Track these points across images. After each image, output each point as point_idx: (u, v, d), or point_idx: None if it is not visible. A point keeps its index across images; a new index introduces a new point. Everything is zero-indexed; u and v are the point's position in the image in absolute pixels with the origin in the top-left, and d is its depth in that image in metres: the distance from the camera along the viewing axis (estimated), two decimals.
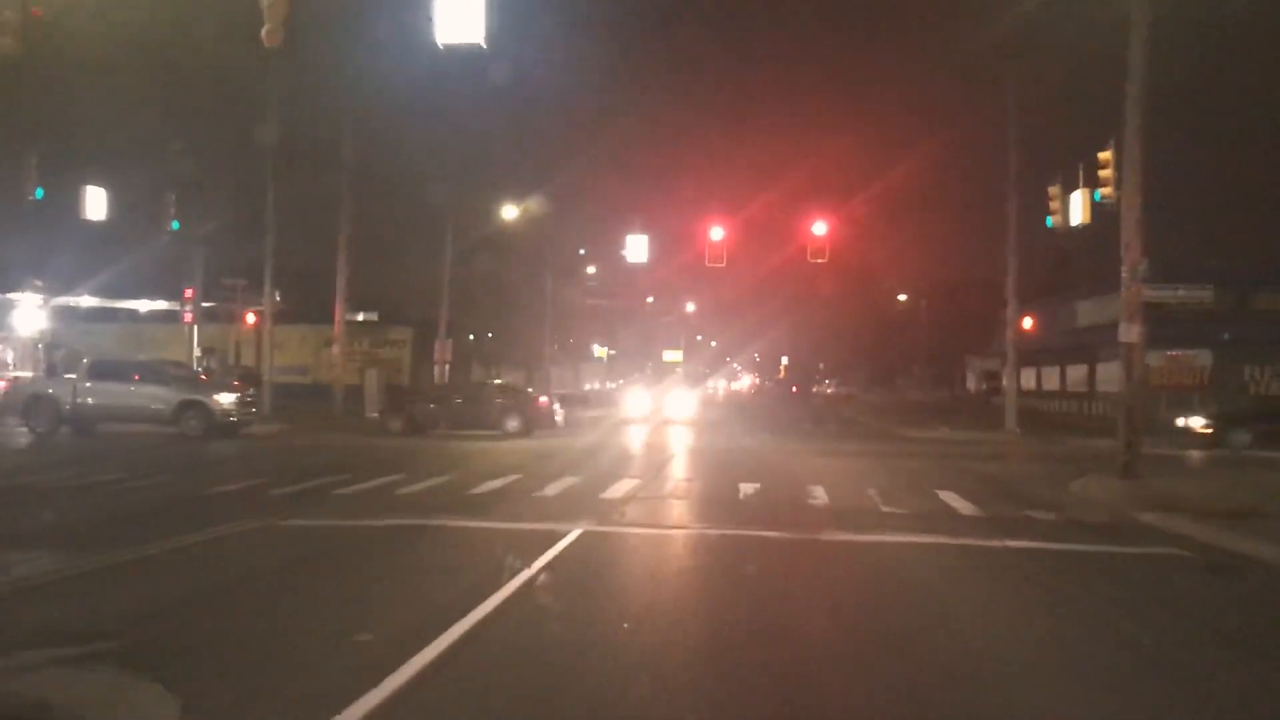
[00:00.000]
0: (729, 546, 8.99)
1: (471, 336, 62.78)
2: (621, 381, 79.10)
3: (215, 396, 22.36)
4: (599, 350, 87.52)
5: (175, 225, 25.15)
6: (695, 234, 28.71)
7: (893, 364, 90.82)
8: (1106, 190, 18.65)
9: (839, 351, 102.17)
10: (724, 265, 27.93)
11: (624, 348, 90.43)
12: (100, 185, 22.77)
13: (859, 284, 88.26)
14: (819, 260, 27.74)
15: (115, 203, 24.72)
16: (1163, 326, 35.20)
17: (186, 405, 22.00)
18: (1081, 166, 21.09)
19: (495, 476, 14.10)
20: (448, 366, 39.78)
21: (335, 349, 31.11)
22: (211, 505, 11.35)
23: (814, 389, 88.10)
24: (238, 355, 41.34)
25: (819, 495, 12.67)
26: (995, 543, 9.32)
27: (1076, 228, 21.29)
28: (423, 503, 11.53)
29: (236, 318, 39.73)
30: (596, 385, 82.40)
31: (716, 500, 12.12)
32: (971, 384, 72.32)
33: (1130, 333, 15.08)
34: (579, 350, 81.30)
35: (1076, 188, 21.56)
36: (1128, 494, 13.50)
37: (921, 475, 15.69)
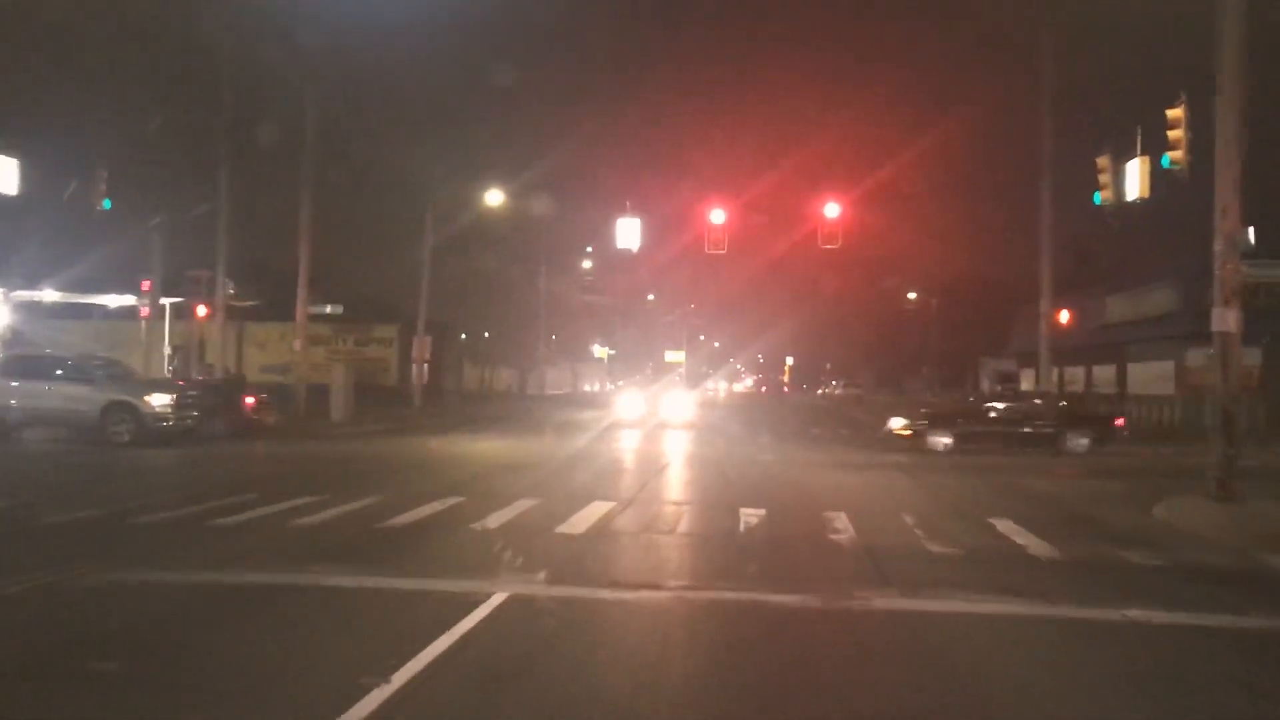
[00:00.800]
0: (721, 625, 6.08)
1: (464, 335, 60.57)
2: (622, 382, 76.32)
3: (147, 397, 19.42)
4: (599, 350, 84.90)
5: (107, 204, 22.23)
6: (694, 219, 25.87)
7: (900, 364, 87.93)
8: (1177, 154, 15.70)
9: (845, 351, 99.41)
10: (724, 251, 25.00)
11: (625, 347, 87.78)
12: (13, 155, 19.86)
13: (866, 281, 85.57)
14: (831, 246, 24.84)
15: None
16: (1206, 321, 32.33)
17: (113, 408, 19.09)
18: (1140, 131, 18.15)
19: (435, 498, 11.21)
20: (426, 366, 37.04)
21: (298, 344, 28.27)
22: (32, 543, 8.54)
23: (785, 389, 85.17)
24: (202, 352, 38.50)
25: (842, 526, 9.77)
26: (1109, 613, 6.41)
27: (1133, 202, 18.31)
28: (315, 539, 8.65)
29: (206, 312, 36.67)
30: (597, 386, 79.59)
31: (710, 536, 9.21)
32: (985, 386, 69.29)
33: (1226, 320, 12.27)
34: (578, 350, 78.63)
35: (1129, 158, 18.63)
36: (1234, 523, 10.62)
37: (963, 495, 12.79)
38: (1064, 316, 27.00)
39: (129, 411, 19.05)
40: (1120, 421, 20.87)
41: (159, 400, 19.44)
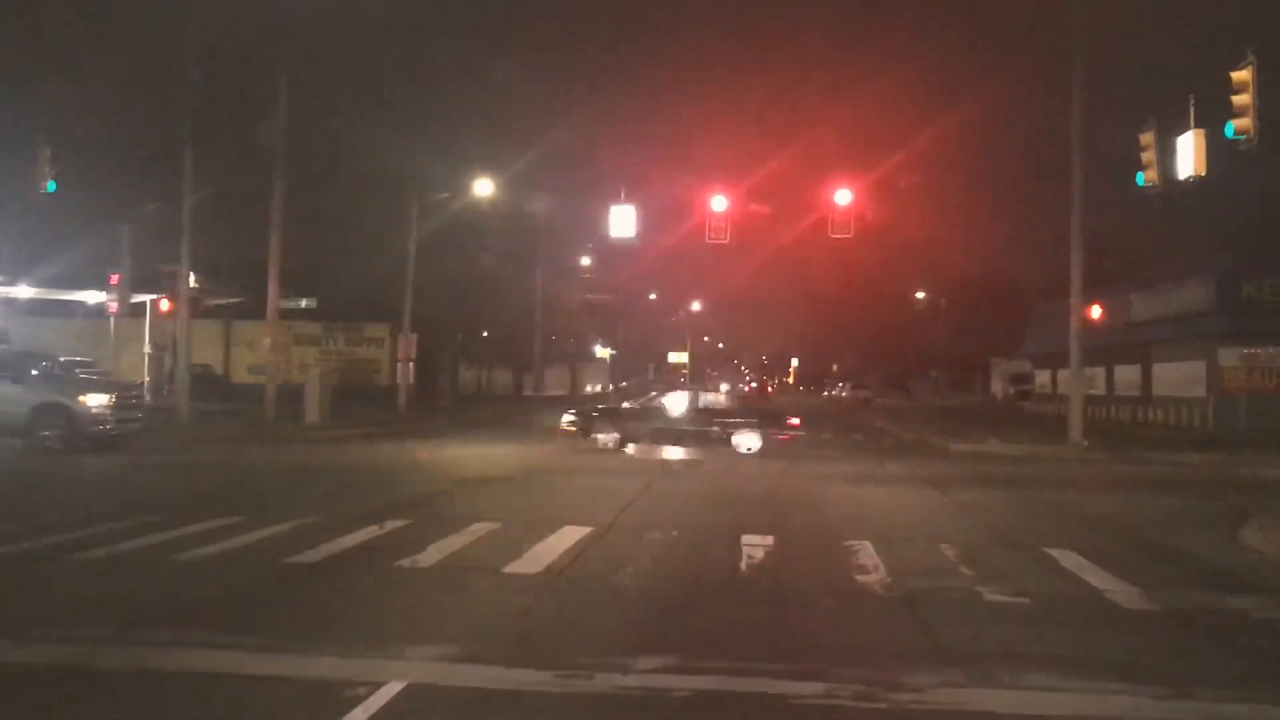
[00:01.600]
0: None
1: (460, 336, 58.88)
2: (624, 384, 74.12)
3: (81, 398, 17.37)
4: (601, 351, 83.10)
5: (51, 187, 20.27)
6: (696, 210, 23.89)
7: (909, 367, 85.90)
8: (1243, 121, 13.76)
9: (852, 353, 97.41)
10: (726, 241, 23.04)
11: (627, 348, 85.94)
12: None
13: (872, 280, 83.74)
14: (843, 236, 22.86)
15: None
16: (1241, 319, 30.33)
17: (43, 410, 17.04)
18: (1193, 101, 16.16)
19: (375, 520, 9.26)
20: (413, 366, 35.15)
21: (267, 341, 26.36)
22: None
23: (769, 391, 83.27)
24: (174, 351, 36.57)
25: (870, 562, 7.81)
26: (1269, 714, 4.45)
27: (1186, 180, 16.29)
28: (192, 584, 6.71)
29: (170, 306, 34.76)
30: (599, 387, 77.63)
31: (702, 579, 7.22)
32: (997, 388, 67.20)
33: None
34: (579, 351, 76.77)
35: (1179, 133, 16.63)
36: None
37: (1007, 517, 10.78)
38: (1095, 312, 24.86)
39: (61, 414, 16.97)
40: (795, 421, 19.66)
41: (95, 401, 17.35)
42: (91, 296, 43.55)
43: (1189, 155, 16.07)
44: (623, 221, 23.82)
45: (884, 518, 10.52)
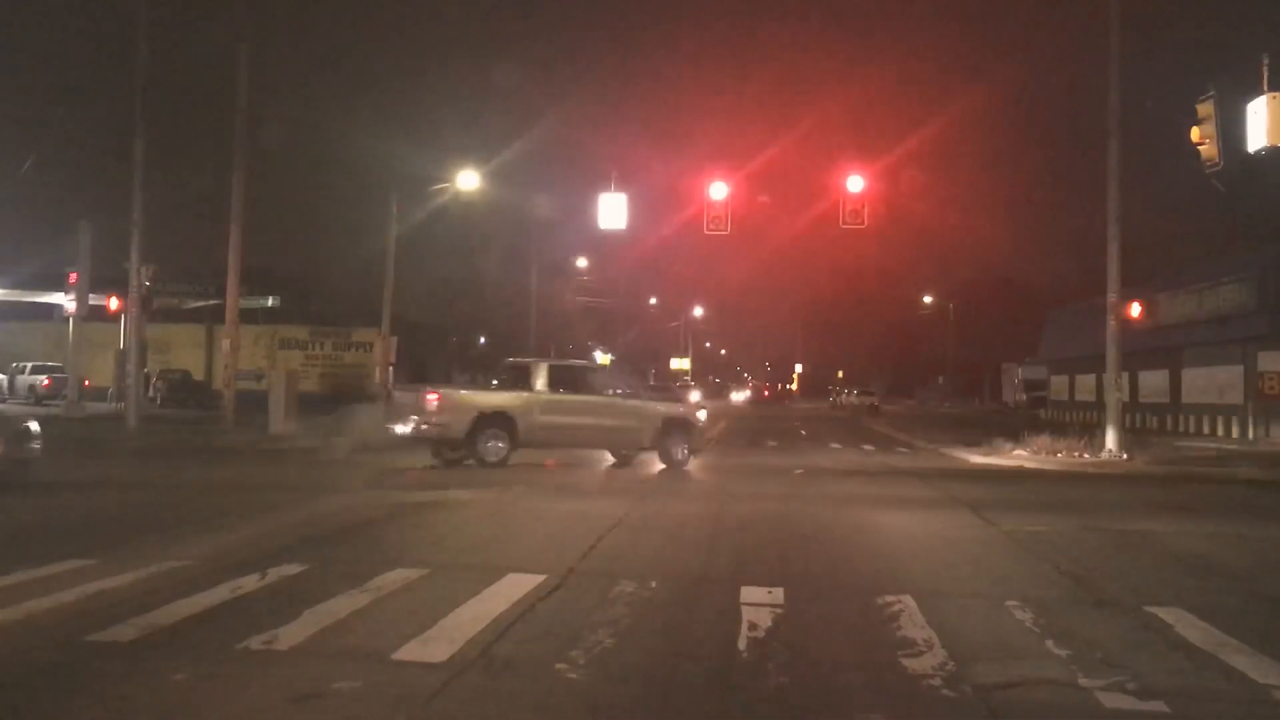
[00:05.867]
0: None
1: (454, 339, 57.25)
2: (622, 389, 71.85)
3: (699, 413, 18.71)
4: (601, 357, 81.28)
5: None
6: (696, 204, 21.82)
7: (915, 372, 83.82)
8: None
9: (857, 357, 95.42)
10: (726, 232, 20.92)
11: (629, 354, 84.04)
12: None
13: (879, 284, 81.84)
14: (855, 226, 20.74)
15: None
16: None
17: (671, 425, 16.96)
18: (1266, 61, 13.96)
19: (266, 563, 7.06)
20: (392, 370, 33.05)
21: (225, 343, 24.23)
22: None
23: (764, 393, 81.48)
24: (142, 357, 34.51)
25: (919, 634, 5.59)
26: None
27: (1258, 154, 14.07)
28: None
29: (119, 305, 32.45)
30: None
31: (682, 668, 4.97)
32: (1008, 394, 64.85)
33: None
34: (578, 356, 74.96)
35: (1249, 99, 14.44)
36: None
37: (1079, 557, 8.48)
38: (1135, 310, 22.59)
39: (686, 430, 16.89)
40: None
41: (704, 415, 18.57)
42: (63, 298, 41.32)
43: (1261, 124, 13.88)
44: (613, 211, 21.82)
45: (922, 557, 8.30)
